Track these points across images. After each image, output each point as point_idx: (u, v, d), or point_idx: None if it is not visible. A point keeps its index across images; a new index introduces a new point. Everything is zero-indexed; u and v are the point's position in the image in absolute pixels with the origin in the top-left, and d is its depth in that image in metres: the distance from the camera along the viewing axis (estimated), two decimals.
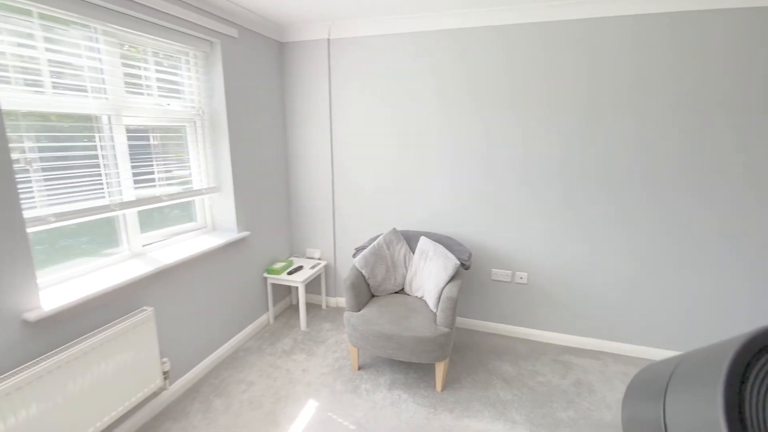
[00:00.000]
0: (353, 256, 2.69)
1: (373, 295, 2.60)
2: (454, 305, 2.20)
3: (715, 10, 2.16)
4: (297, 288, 3.28)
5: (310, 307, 3.37)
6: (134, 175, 2.03)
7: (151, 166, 2.16)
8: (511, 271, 2.86)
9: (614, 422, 2.05)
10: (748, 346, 0.31)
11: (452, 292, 2.23)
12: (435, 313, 2.32)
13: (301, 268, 3.03)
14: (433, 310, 2.35)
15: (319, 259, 3.32)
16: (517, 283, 2.86)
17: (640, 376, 0.42)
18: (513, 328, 2.94)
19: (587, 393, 2.29)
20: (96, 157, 1.84)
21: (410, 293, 2.64)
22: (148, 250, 2.15)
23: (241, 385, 2.31)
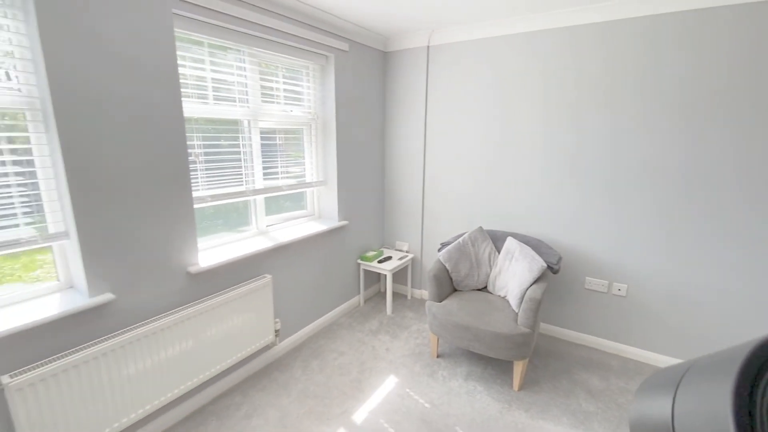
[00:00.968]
0: (438, 250, 2.84)
1: (456, 290, 2.72)
2: (537, 306, 2.19)
3: None
4: (385, 276, 3.56)
5: (396, 295, 3.62)
6: (263, 168, 2.51)
7: (276, 161, 2.62)
8: (607, 281, 2.68)
9: None
10: None
11: (536, 293, 2.23)
12: (516, 313, 2.34)
13: (390, 258, 3.30)
14: (515, 310, 2.37)
15: (407, 252, 3.54)
16: (615, 295, 2.67)
17: (658, 373, 0.40)
18: (605, 342, 2.75)
19: None
20: (238, 153, 2.34)
21: (493, 292, 2.69)
22: (270, 229, 2.63)
23: (334, 353, 2.65)
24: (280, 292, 2.56)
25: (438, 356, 2.63)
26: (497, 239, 2.83)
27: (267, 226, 2.61)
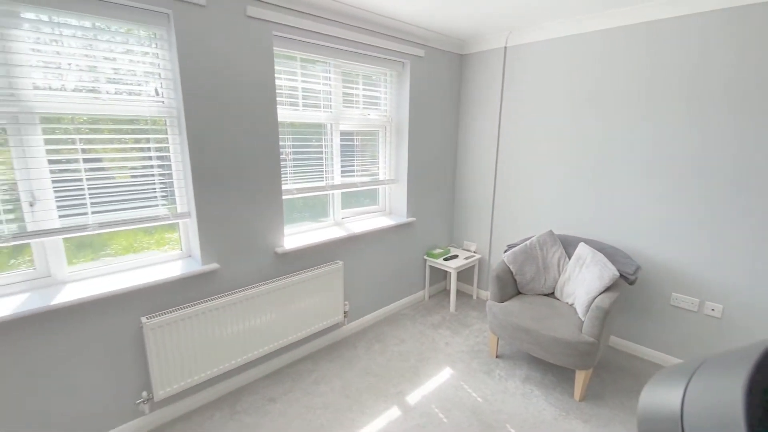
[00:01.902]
0: (504, 251, 2.84)
1: (520, 292, 2.70)
2: (604, 316, 2.10)
3: None
4: (450, 273, 3.63)
5: (461, 294, 3.67)
6: (342, 166, 2.79)
7: (353, 160, 2.90)
8: (698, 300, 2.42)
9: None
10: None
11: (604, 302, 2.13)
12: (582, 321, 2.26)
13: (456, 257, 3.37)
14: (581, 318, 2.29)
15: (474, 252, 3.57)
16: (707, 315, 2.40)
17: (671, 367, 0.39)
18: None
19: None
20: (320, 153, 2.66)
21: (560, 298, 2.61)
22: (345, 221, 2.92)
23: (395, 340, 2.84)
24: (350, 278, 2.83)
25: (497, 356, 2.65)
26: (569, 245, 2.73)
27: (342, 218, 2.90)
